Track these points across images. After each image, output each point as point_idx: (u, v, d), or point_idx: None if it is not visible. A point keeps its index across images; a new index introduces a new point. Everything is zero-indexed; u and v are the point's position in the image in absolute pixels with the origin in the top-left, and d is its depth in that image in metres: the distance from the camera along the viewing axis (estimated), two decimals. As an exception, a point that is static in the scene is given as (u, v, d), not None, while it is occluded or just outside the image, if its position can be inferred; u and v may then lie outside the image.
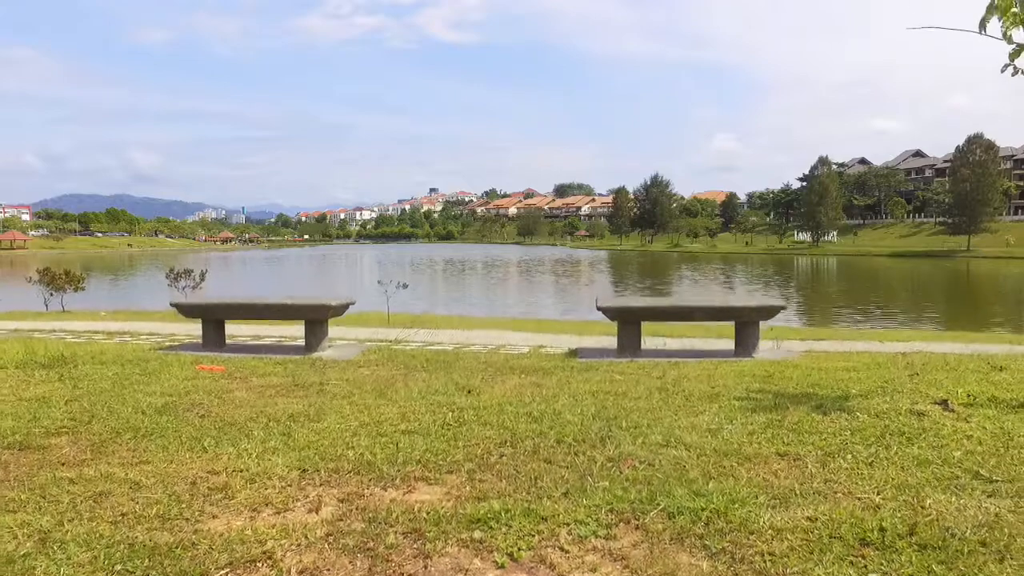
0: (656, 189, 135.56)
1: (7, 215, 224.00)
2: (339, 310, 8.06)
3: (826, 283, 47.94)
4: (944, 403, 4.01)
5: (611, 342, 8.85)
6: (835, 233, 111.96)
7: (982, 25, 4.20)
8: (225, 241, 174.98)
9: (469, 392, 5.01)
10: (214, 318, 8.08)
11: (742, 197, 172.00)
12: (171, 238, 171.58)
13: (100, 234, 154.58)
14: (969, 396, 4.29)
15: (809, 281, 50.90)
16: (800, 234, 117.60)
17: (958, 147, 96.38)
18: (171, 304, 8.37)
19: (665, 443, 3.38)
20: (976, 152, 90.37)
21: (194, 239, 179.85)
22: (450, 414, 4.13)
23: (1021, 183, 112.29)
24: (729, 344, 8.18)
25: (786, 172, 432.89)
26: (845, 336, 12.41)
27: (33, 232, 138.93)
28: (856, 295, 35.45)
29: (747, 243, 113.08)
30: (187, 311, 8.21)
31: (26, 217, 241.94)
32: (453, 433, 3.65)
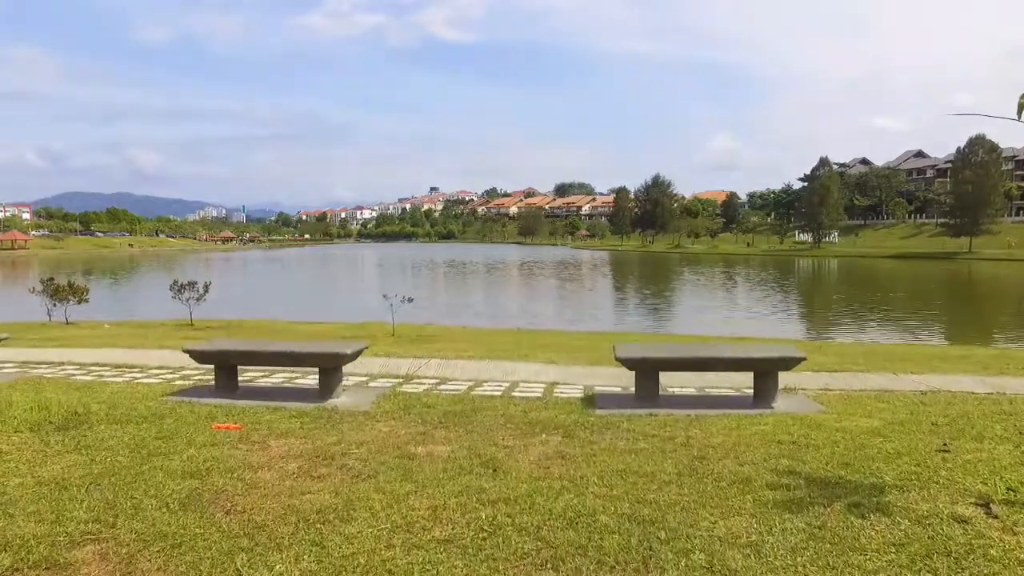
0: (657, 190, 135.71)
1: (8, 215, 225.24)
2: (353, 357, 7.99)
3: (829, 288, 47.82)
4: (987, 507, 3.95)
5: (626, 378, 8.79)
6: (836, 234, 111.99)
7: (1020, 111, 4.13)
8: (226, 241, 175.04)
9: (495, 470, 4.94)
10: (227, 364, 8.03)
11: (743, 197, 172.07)
12: (172, 237, 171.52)
13: (101, 234, 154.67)
14: (1009, 490, 4.22)
15: (812, 285, 50.82)
16: (801, 234, 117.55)
17: (960, 148, 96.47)
18: (184, 350, 8.29)
19: (708, 566, 3.31)
20: (978, 153, 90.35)
21: (195, 238, 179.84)
22: (482, 512, 4.05)
23: (1023, 184, 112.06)
24: (746, 381, 8.12)
25: (787, 170, 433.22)
26: (856, 362, 12.30)
27: (34, 232, 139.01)
28: (860, 302, 35.39)
29: (748, 244, 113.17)
30: (200, 358, 8.15)
31: (27, 216, 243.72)
32: (490, 547, 3.57)
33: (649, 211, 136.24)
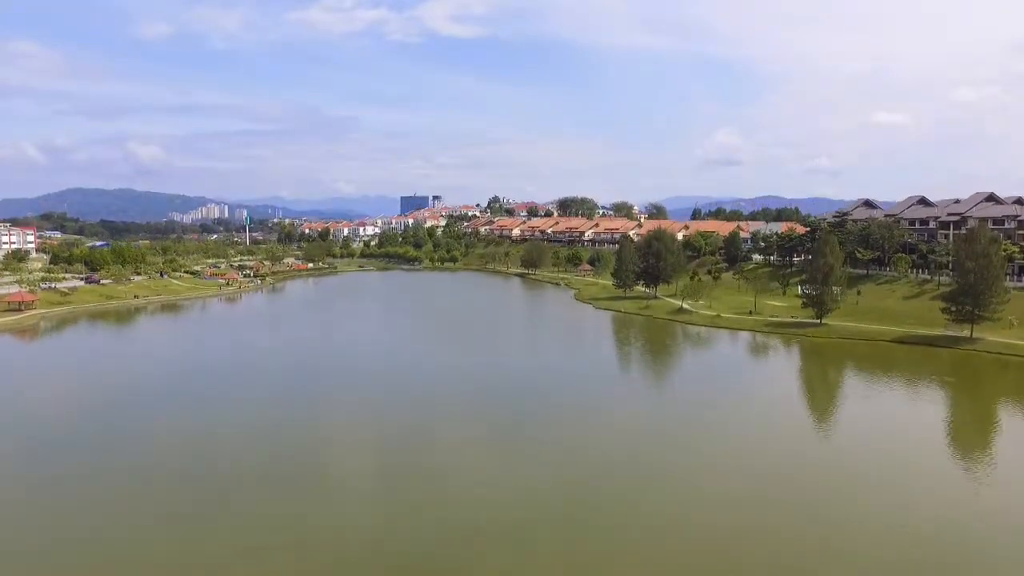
0: (659, 243, 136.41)
1: (13, 244, 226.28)
2: None
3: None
4: None
5: None
6: (839, 290, 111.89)
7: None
8: (229, 282, 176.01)
9: None
10: None
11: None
12: (176, 279, 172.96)
13: (107, 281, 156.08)
14: None
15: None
16: (804, 288, 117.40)
17: (964, 232, 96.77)
18: None
19: None
20: (980, 242, 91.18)
21: (199, 275, 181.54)
22: None
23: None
24: None
25: (788, 166, 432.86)
26: None
27: (42, 286, 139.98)
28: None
29: (750, 312, 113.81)
30: None
31: (31, 240, 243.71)
32: None
33: (652, 265, 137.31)
